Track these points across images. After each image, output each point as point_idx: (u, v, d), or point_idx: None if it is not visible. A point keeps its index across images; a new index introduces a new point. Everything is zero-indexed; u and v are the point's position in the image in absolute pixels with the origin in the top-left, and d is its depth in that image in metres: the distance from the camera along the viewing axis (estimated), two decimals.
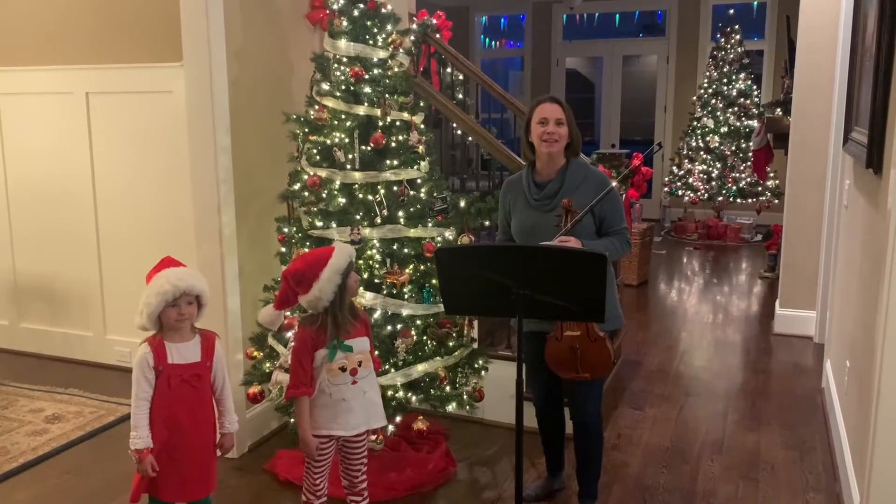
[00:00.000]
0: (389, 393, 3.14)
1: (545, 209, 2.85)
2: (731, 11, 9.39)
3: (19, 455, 3.51)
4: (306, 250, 3.10)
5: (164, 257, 2.40)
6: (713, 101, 8.96)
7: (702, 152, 8.99)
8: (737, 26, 8.98)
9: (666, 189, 9.37)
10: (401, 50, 3.37)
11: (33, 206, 4.77)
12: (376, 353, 2.86)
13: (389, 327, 3.19)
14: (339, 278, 2.46)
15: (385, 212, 3.21)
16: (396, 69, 3.33)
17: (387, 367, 3.14)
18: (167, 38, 3.92)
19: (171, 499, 2.41)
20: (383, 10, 3.30)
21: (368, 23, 3.25)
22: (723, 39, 9.02)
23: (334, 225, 3.18)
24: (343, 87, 3.22)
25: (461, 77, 4.91)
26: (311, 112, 3.25)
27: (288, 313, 3.18)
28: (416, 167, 3.30)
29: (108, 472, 3.39)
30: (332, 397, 2.51)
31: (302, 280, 2.46)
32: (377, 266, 3.21)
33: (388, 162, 3.24)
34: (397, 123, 3.28)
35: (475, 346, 3.52)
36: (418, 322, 3.26)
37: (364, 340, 2.57)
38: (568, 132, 2.83)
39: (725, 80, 8.94)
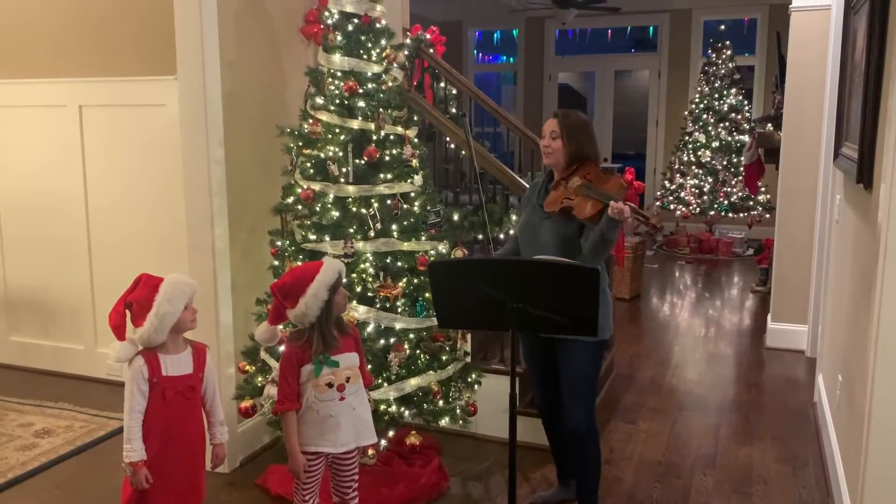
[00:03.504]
0: (382, 407, 3.12)
1: (543, 215, 2.91)
2: (723, 27, 9.47)
3: (8, 470, 3.48)
4: (299, 264, 3.10)
5: (140, 275, 2.38)
6: (704, 115, 9.03)
7: (693, 167, 9.04)
8: (728, 42, 9.06)
9: (658, 203, 9.40)
10: (395, 64, 3.39)
11: (25, 218, 4.75)
12: (368, 367, 2.85)
13: (382, 341, 3.19)
14: (326, 293, 2.44)
15: (378, 225, 3.21)
16: (390, 83, 3.34)
17: (379, 381, 3.14)
18: (161, 51, 3.92)
19: None
20: (377, 25, 3.31)
21: (362, 37, 3.26)
22: (714, 55, 9.09)
23: (328, 238, 3.18)
24: (337, 101, 3.22)
25: (454, 91, 4.93)
26: (305, 125, 3.26)
27: (280, 328, 3.18)
28: (409, 181, 3.31)
29: (98, 487, 3.36)
30: (319, 413, 2.49)
31: (289, 294, 2.46)
32: (370, 279, 3.21)
33: (381, 175, 3.24)
34: (391, 137, 3.29)
35: (468, 360, 3.51)
36: (411, 336, 3.26)
37: (353, 356, 2.55)
38: (564, 144, 2.87)
39: (717, 96, 9.01)
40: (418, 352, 3.26)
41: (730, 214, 8.92)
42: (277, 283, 2.53)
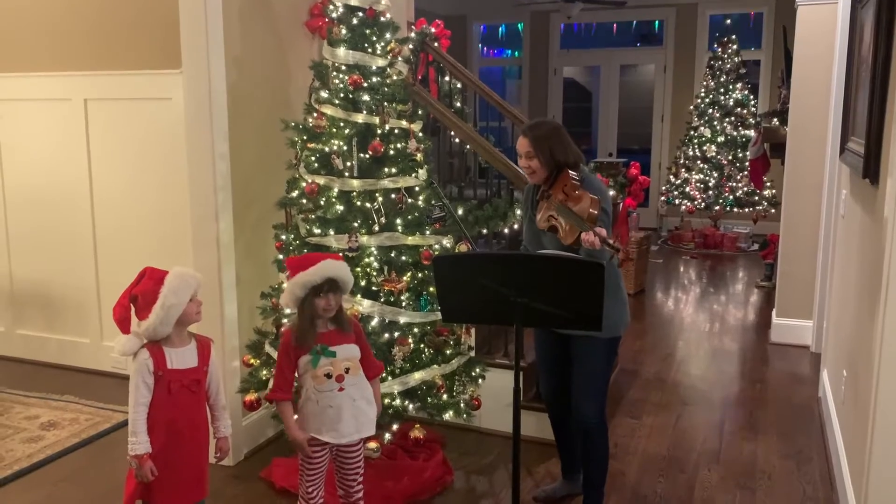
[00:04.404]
0: (386, 401, 3.13)
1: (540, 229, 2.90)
2: (728, 22, 9.43)
3: (14, 462, 3.50)
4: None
5: (144, 268, 2.38)
6: (710, 110, 8.99)
7: (699, 161, 9.01)
8: (734, 36, 9.01)
9: (663, 198, 9.38)
10: (399, 58, 3.38)
11: (30, 212, 4.77)
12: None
13: (387, 335, 3.19)
14: (301, 291, 2.45)
15: (383, 219, 3.21)
16: (395, 77, 3.34)
17: (384, 374, 3.14)
18: (166, 45, 3.92)
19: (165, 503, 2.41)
20: (382, 19, 3.31)
21: (367, 31, 3.26)
22: (720, 49, 9.05)
23: (332, 232, 3.18)
24: (342, 95, 3.22)
25: (459, 85, 4.92)
26: (310, 119, 3.26)
27: (285, 321, 3.19)
28: (414, 175, 3.31)
29: (103, 480, 3.37)
30: (319, 404, 2.50)
31: (293, 270, 2.52)
32: (375, 274, 3.21)
33: (386, 170, 3.24)
34: (395, 131, 3.29)
35: (472, 354, 3.52)
36: (415, 330, 3.26)
37: (352, 348, 2.56)
38: (543, 161, 2.83)
39: (722, 90, 8.96)
40: (422, 346, 3.27)
41: (735, 209, 8.89)
42: (294, 258, 2.63)
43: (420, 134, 3.40)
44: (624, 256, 2.55)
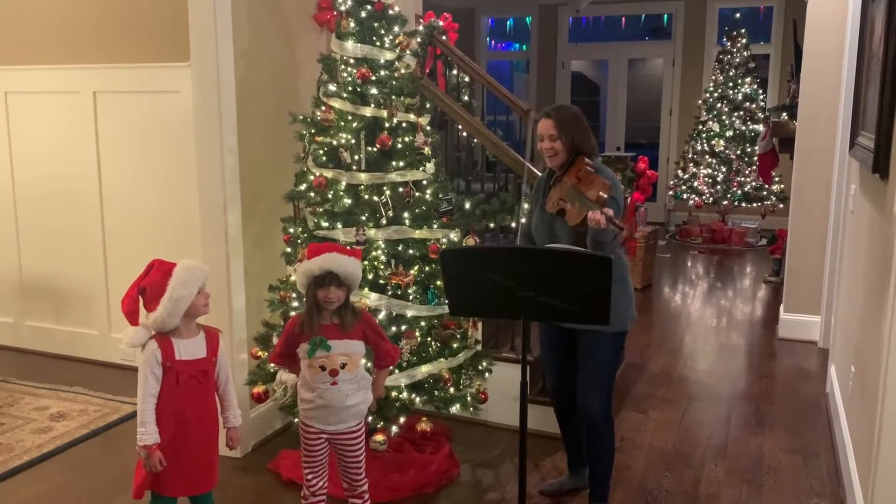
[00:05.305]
0: (393, 394, 3.14)
1: (552, 214, 2.89)
2: (738, 15, 9.37)
3: (24, 452, 3.53)
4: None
5: (152, 261, 2.40)
6: (719, 104, 8.95)
7: (707, 156, 8.97)
8: (743, 30, 8.96)
9: (671, 193, 9.36)
10: (407, 51, 3.38)
11: (39, 204, 4.79)
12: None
13: (394, 328, 3.20)
14: (304, 279, 2.51)
15: (390, 213, 3.22)
16: (403, 71, 3.34)
17: (390, 368, 3.15)
18: (175, 37, 3.93)
19: (174, 493, 2.43)
20: (390, 12, 3.31)
21: (375, 24, 3.26)
22: (729, 43, 9.00)
23: (340, 225, 3.18)
24: (350, 89, 3.23)
25: (467, 79, 4.92)
26: (318, 113, 3.26)
27: (293, 314, 3.20)
28: (421, 168, 3.31)
29: (111, 470, 3.40)
30: (312, 392, 2.55)
31: (310, 254, 2.60)
32: (382, 267, 3.22)
33: (393, 163, 3.25)
34: (403, 125, 3.29)
35: (479, 347, 3.52)
36: (423, 323, 3.27)
37: (353, 344, 2.56)
38: (566, 143, 2.85)
39: (731, 84, 8.92)
40: (429, 339, 3.28)
41: (743, 204, 8.86)
42: (314, 245, 2.65)
43: (428, 127, 3.40)
44: (628, 235, 2.53)
